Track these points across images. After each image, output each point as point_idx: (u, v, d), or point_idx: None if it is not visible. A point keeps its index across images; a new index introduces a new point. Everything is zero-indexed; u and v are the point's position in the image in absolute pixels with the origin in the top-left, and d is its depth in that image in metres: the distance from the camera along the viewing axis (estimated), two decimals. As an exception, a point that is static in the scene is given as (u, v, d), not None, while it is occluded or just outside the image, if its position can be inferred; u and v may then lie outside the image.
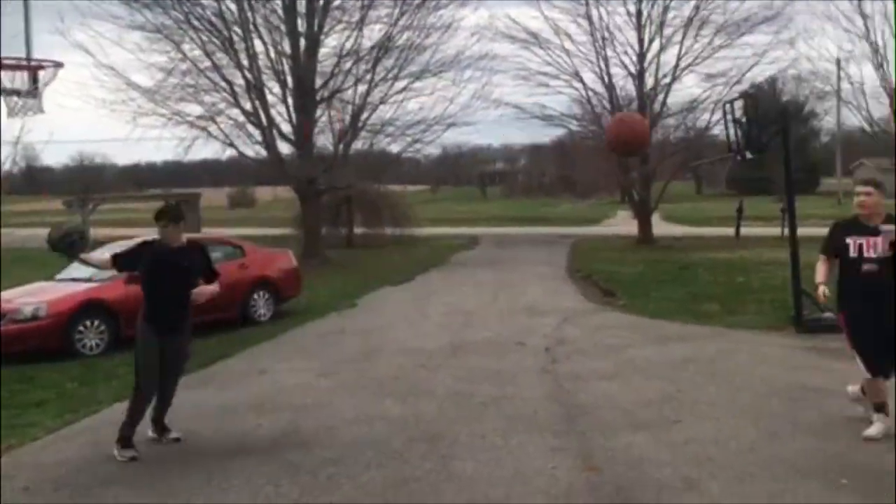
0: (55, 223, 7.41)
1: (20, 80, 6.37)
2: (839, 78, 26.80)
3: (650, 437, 6.13)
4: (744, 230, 28.92)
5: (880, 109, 24.92)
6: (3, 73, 6.21)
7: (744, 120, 11.80)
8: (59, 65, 6.40)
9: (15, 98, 6.40)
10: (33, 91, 6.43)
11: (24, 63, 6.30)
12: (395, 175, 45.14)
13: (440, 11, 23.61)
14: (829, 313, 10.47)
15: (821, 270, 6.02)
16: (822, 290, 5.98)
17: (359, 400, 7.53)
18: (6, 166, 15.74)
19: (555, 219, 43.33)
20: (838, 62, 26.28)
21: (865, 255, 5.65)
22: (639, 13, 27.41)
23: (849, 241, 5.75)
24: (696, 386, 7.72)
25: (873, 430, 5.81)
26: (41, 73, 6.47)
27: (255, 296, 12.72)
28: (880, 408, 5.84)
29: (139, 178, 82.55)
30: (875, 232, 5.65)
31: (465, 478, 5.39)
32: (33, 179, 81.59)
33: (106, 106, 22.21)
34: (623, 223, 36.52)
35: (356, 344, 10.53)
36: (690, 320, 11.81)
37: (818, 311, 10.80)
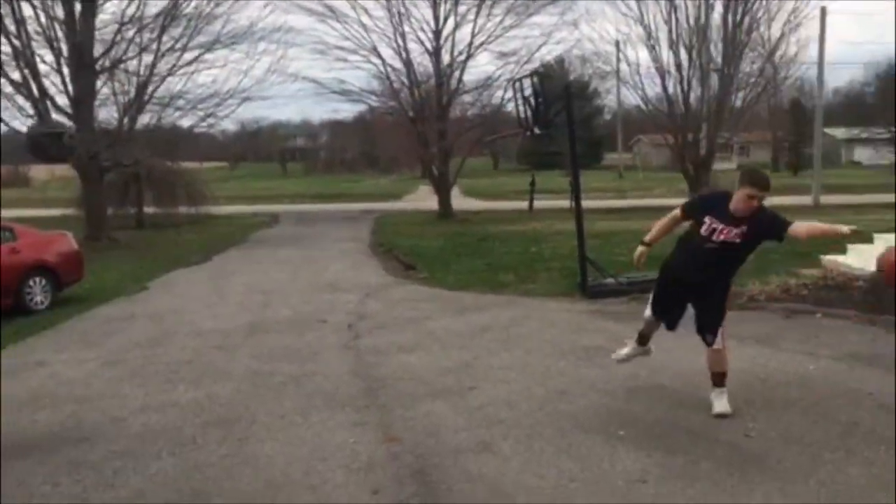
0: None
1: None
2: (618, 59, 28.62)
3: (447, 404, 6.30)
4: (536, 203, 30.35)
5: (653, 89, 26.96)
6: None
7: (532, 97, 12.34)
8: None
9: None
10: None
11: None
12: (190, 151, 43.12)
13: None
14: (611, 279, 11.30)
15: (659, 225, 6.07)
16: (640, 250, 6.12)
17: (149, 388, 7.14)
18: None
19: (357, 195, 43.28)
20: (617, 44, 28.06)
21: (714, 238, 5.65)
22: (433, -10, 27.81)
23: (707, 219, 5.70)
24: (491, 352, 8.02)
25: (623, 351, 6.52)
26: None
27: (31, 282, 11.68)
28: (643, 339, 6.36)
29: None
30: (737, 223, 5.59)
31: (263, 459, 5.27)
32: None
33: None
34: (424, 198, 37.19)
35: (147, 329, 9.96)
36: (487, 290, 12.25)
37: (601, 277, 11.60)
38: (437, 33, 27.99)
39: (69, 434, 5.92)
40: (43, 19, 20.92)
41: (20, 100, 21.11)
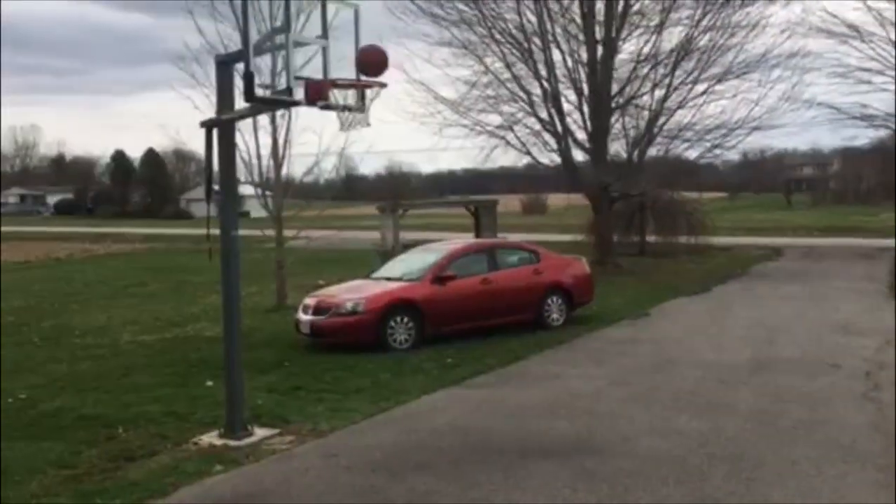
0: None
1: (351, 97, 7.03)
2: None
3: None
4: None
5: None
6: (335, 91, 6.89)
7: None
8: (383, 85, 6.99)
9: (345, 114, 7.08)
10: (360, 107, 7.06)
11: (355, 82, 6.95)
12: (691, 181, 43.42)
13: (747, 9, 22.32)
14: None
15: None
16: None
17: (653, 412, 7.37)
18: (332, 174, 17.58)
19: (873, 230, 38.96)
20: None
21: None
22: None
23: None
24: None
25: None
26: (367, 91, 7.09)
27: (549, 301, 12.94)
28: None
29: (441, 185, 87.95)
30: None
31: (774, 505, 5.05)
32: (351, 187, 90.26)
33: (416, 119, 23.97)
34: (960, 235, 31.85)
35: (649, 354, 10.30)
36: None
37: None
38: None
39: (583, 445, 6.40)
40: (569, 63, 23.14)
41: (546, 136, 23.65)
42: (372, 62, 6.51)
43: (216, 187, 7.24)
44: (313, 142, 15.20)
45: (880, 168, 55.93)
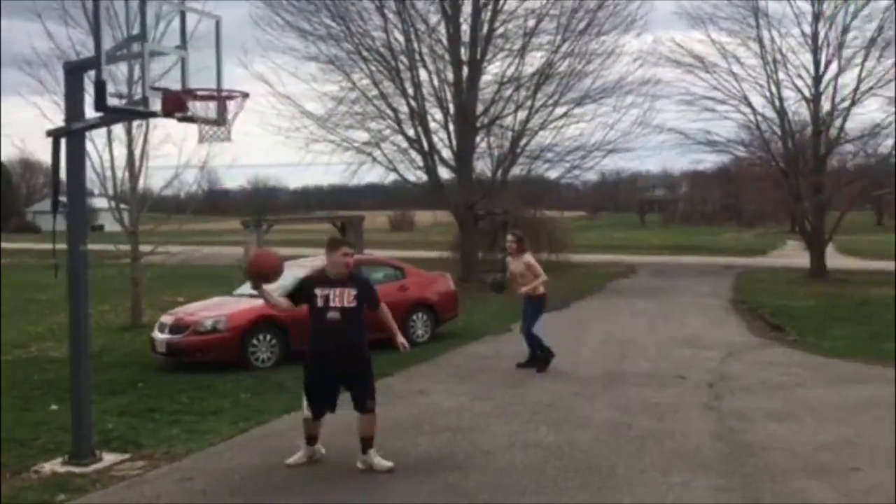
0: None
1: (211, 109, 6.85)
2: None
3: (825, 484, 5.77)
4: (932, 266, 26.57)
5: None
6: (195, 103, 6.70)
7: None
8: (245, 95, 6.86)
9: (206, 126, 6.89)
10: (222, 120, 6.89)
11: (215, 94, 6.78)
12: (553, 201, 44.92)
13: (603, 38, 23.46)
14: None
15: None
16: None
17: (514, 426, 7.54)
18: (193, 188, 17.00)
19: (717, 248, 41.60)
20: None
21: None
22: (815, 35, 26.03)
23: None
24: (877, 432, 7.17)
25: (294, 457, 6.39)
26: (229, 103, 6.93)
27: (414, 317, 13.02)
28: (311, 440, 6.40)
29: (308, 200, 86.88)
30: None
31: (624, 512, 5.28)
32: (213, 201, 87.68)
33: (281, 133, 23.64)
34: (793, 254, 34.57)
35: (511, 369, 10.54)
36: (869, 361, 11.00)
37: None
38: (818, 79, 26.09)
39: (446, 460, 6.46)
40: (436, 83, 23.50)
41: (413, 153, 23.88)
42: (264, 268, 6.42)
43: (63, 199, 6.86)
44: (173, 154, 14.74)
45: (723, 191, 59.92)
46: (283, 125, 23.62)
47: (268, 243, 20.86)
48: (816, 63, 26.06)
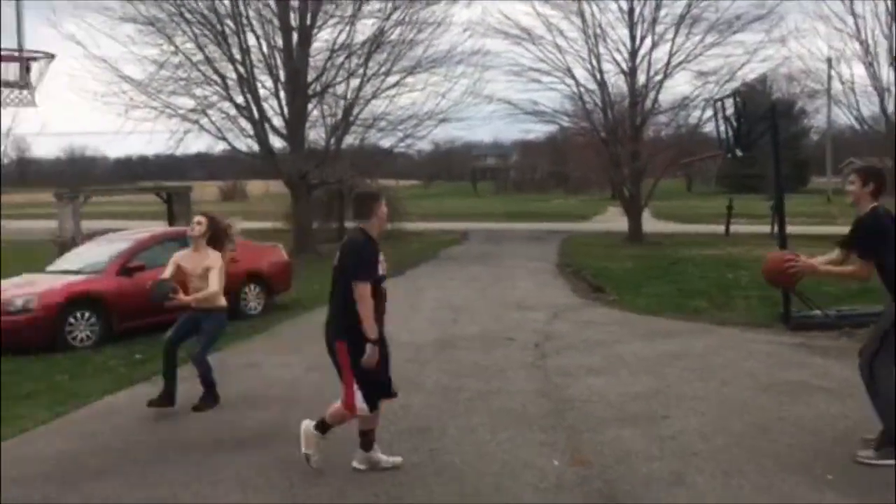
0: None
1: (13, 71, 6.32)
2: (830, 77, 26.89)
3: (638, 431, 6.19)
4: (734, 227, 29.02)
5: (870, 108, 25.05)
6: (-5, 64, 6.16)
7: (734, 118, 11.87)
8: (50, 56, 6.38)
9: (7, 90, 6.35)
10: (26, 83, 6.38)
11: (16, 54, 6.26)
12: (388, 170, 45.05)
13: (433, 7, 23.64)
14: (818, 311, 10.59)
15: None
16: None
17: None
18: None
19: (546, 214, 43.37)
20: (829, 61, 26.36)
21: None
22: (631, 10, 27.45)
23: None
24: (684, 381, 7.78)
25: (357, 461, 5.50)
26: (33, 65, 6.42)
27: (246, 289, 12.72)
28: (367, 444, 5.54)
29: (132, 171, 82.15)
30: None
31: (454, 471, 5.44)
32: (23, 171, 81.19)
33: (98, 98, 22.18)
34: (613, 219, 36.61)
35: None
36: (679, 316, 11.89)
37: (806, 308, 10.90)
38: (634, 53, 27.59)
39: (279, 433, 6.39)
40: (265, 48, 22.81)
41: (242, 121, 23.13)
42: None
43: None
44: (-28, 120, 13.42)
45: (551, 159, 62.31)
46: (99, 90, 22.16)
47: (84, 216, 19.62)
48: (633, 38, 27.55)
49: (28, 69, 6.34)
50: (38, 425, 6.86)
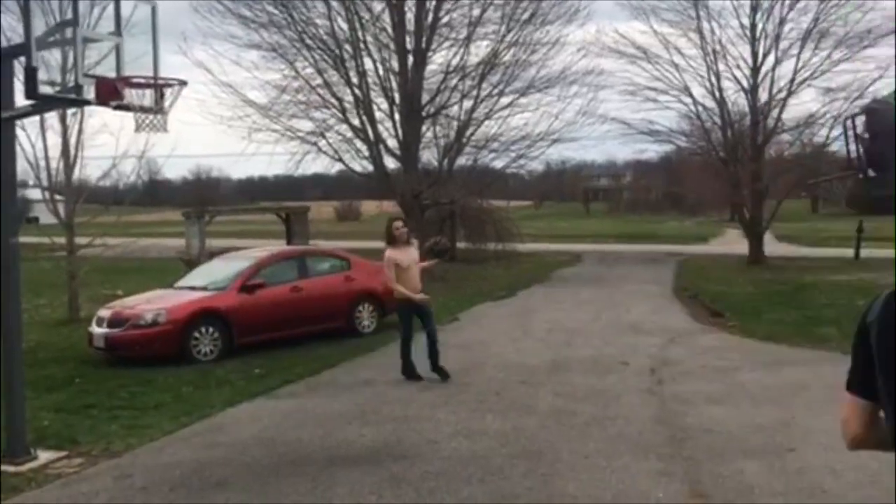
0: None
1: (148, 97, 6.70)
2: (972, 91, 25.15)
3: (762, 464, 5.90)
4: (864, 252, 27.47)
5: None
6: (131, 91, 6.54)
7: (866, 135, 11.26)
8: (183, 83, 6.72)
9: (142, 115, 6.73)
10: (159, 108, 6.74)
11: (151, 81, 6.63)
12: (499, 190, 45.11)
13: (547, 27, 23.59)
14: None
15: None
16: None
17: (460, 414, 7.55)
18: (132, 178, 16.58)
19: (660, 236, 42.35)
20: (972, 74, 24.67)
21: None
22: (753, 26, 26.58)
23: None
24: (812, 413, 7.37)
25: None
26: (166, 91, 6.79)
27: (360, 307, 12.96)
28: None
29: (252, 191, 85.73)
30: None
31: (568, 497, 5.33)
32: (154, 192, 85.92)
33: (223, 122, 23.23)
34: (733, 242, 35.35)
35: (458, 358, 10.54)
36: (805, 344, 11.31)
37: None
38: (755, 70, 26.64)
39: (392, 450, 6.45)
40: (381, 71, 23.35)
41: (358, 143, 23.71)
42: None
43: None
44: (110, 143, 14.31)
45: (666, 180, 60.91)
46: (224, 114, 23.18)
47: (209, 235, 20.54)
48: (754, 54, 26.61)
49: (162, 95, 6.68)
50: (165, 435, 7.17)
